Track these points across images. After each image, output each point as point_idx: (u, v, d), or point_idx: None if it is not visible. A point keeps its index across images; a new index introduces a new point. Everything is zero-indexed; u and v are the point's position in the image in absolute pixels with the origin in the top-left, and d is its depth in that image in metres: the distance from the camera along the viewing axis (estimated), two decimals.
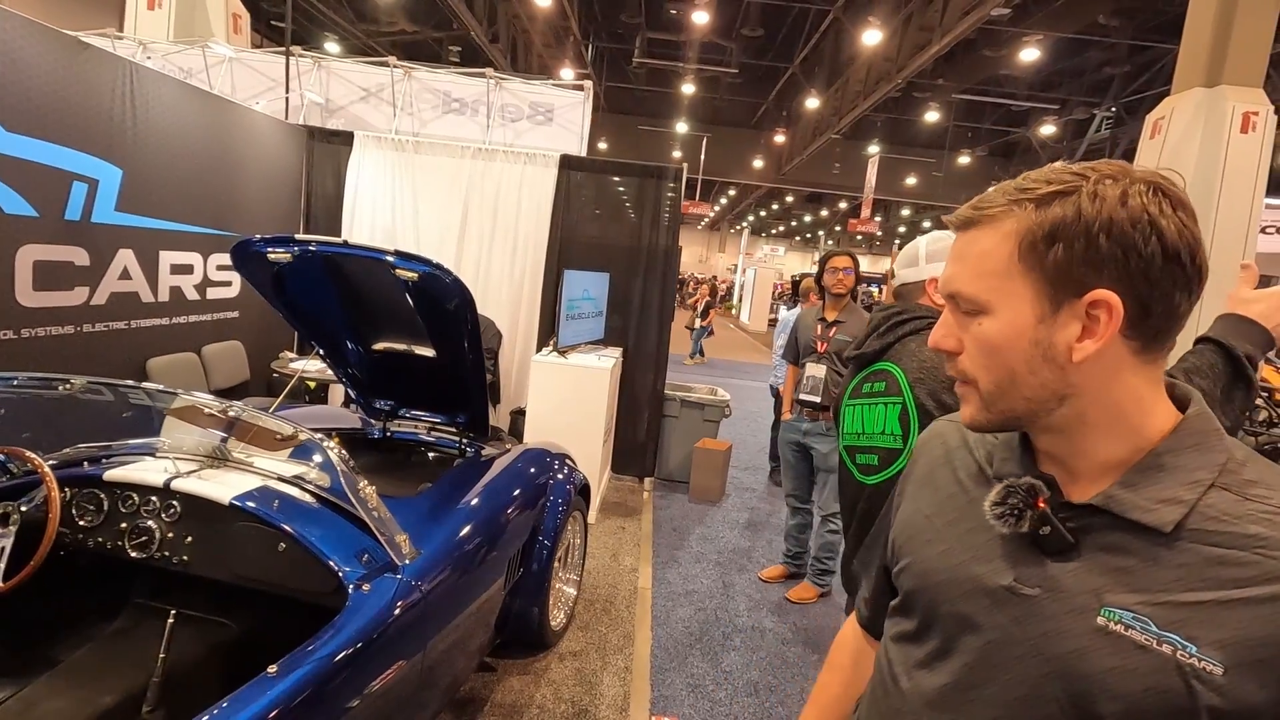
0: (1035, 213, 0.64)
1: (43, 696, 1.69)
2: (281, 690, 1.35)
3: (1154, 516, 0.63)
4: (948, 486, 0.81)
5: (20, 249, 2.98)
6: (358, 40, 14.44)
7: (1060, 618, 0.65)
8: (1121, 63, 13.63)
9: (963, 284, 0.68)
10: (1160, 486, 0.64)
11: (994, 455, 0.77)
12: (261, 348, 4.65)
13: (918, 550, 0.79)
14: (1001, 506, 0.68)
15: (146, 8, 7.50)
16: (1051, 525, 0.66)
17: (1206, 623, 0.59)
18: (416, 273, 2.29)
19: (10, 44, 2.82)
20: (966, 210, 0.69)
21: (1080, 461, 0.69)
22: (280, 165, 4.81)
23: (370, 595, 1.68)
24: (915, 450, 0.91)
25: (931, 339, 0.73)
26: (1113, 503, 0.64)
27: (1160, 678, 0.59)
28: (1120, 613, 0.62)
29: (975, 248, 0.68)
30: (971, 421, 0.71)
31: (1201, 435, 0.66)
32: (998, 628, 0.68)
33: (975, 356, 0.68)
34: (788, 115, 19.96)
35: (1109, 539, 0.65)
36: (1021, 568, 0.68)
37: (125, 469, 1.94)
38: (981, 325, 0.67)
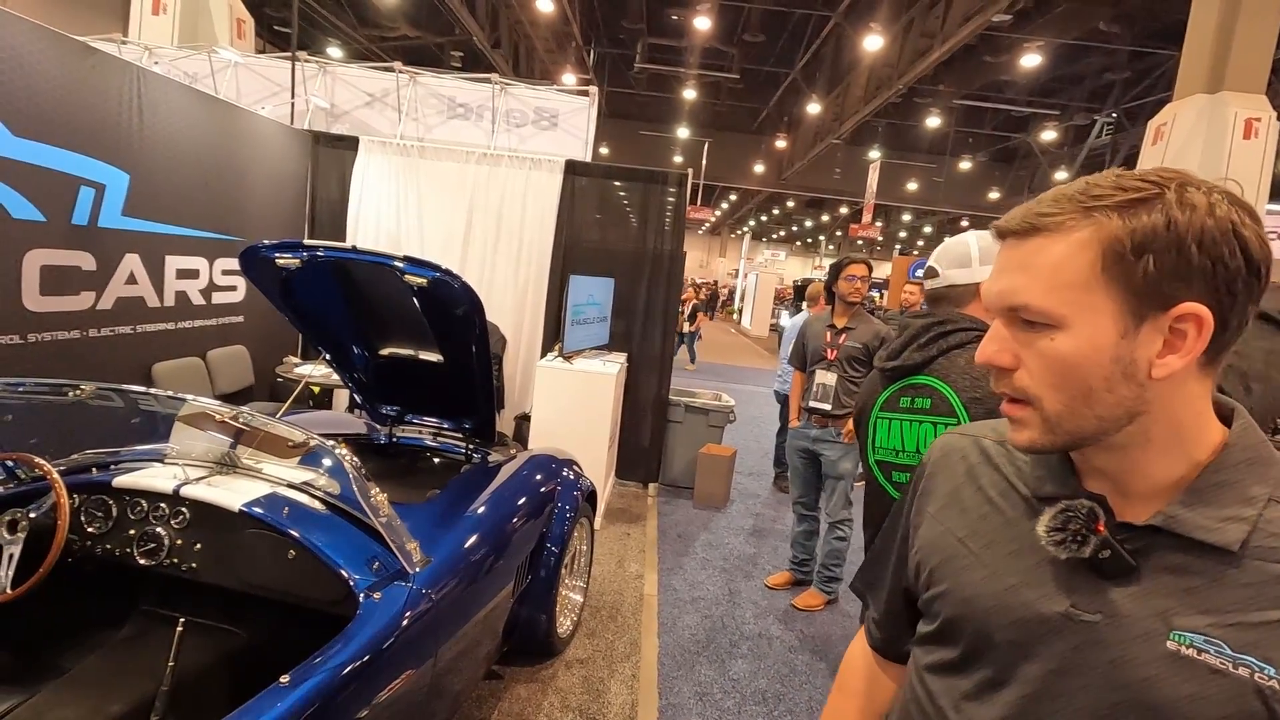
0: (1120, 221, 0.59)
1: (51, 705, 1.67)
2: (295, 700, 1.33)
3: (1219, 536, 0.61)
4: (978, 506, 0.77)
5: (27, 253, 2.97)
6: (360, 45, 14.47)
7: (1127, 644, 0.62)
8: (1122, 69, 13.66)
9: (1033, 296, 0.62)
10: (1220, 505, 0.62)
11: (1026, 472, 0.74)
12: (266, 353, 4.64)
13: (956, 575, 0.75)
14: (1062, 533, 0.64)
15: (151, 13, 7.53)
16: (1112, 549, 0.63)
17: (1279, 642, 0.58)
18: (426, 278, 2.28)
19: (17, 49, 2.82)
20: (1029, 216, 0.63)
21: (1136, 480, 0.66)
22: (285, 170, 4.81)
23: (381, 603, 1.67)
24: (929, 467, 0.86)
25: (982, 354, 0.67)
26: (1175, 523, 0.62)
27: (1240, 703, 0.57)
28: (1191, 636, 0.60)
29: (1044, 257, 0.62)
30: (1031, 444, 0.66)
31: (1254, 449, 0.65)
32: (1058, 656, 0.65)
33: (1041, 375, 0.63)
34: (789, 120, 20.00)
35: (1171, 560, 0.63)
36: (1078, 593, 0.65)
37: (134, 475, 1.92)
38: (1055, 341, 0.62)
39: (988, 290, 0.68)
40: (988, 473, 0.78)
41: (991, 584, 0.71)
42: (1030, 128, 17.01)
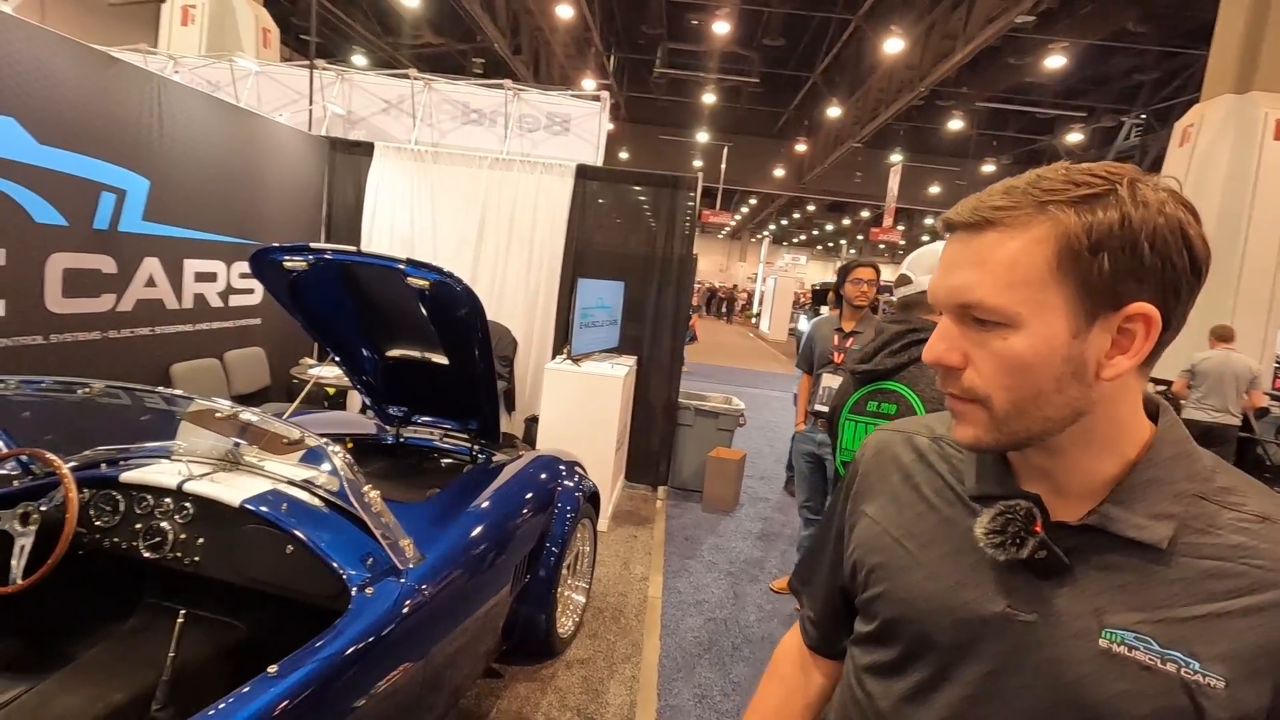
0: (1076, 217, 0.58)
1: (57, 692, 1.73)
2: (281, 689, 1.37)
3: (1149, 534, 0.61)
4: (914, 505, 0.76)
5: (50, 257, 3.08)
6: (384, 53, 14.72)
7: (1062, 643, 0.62)
8: (1151, 69, 13.40)
9: (987, 294, 0.60)
10: (1150, 502, 0.62)
11: (961, 471, 0.74)
12: (282, 354, 4.74)
13: (894, 576, 0.74)
14: (1001, 535, 0.64)
15: (180, 23, 7.77)
16: (1048, 549, 0.63)
17: (1206, 637, 0.59)
18: (428, 281, 2.31)
19: (43, 59, 2.93)
20: (981, 209, 0.61)
21: (1073, 479, 0.66)
22: (303, 175, 4.92)
23: (373, 599, 1.70)
24: (862, 465, 0.85)
25: (930, 353, 0.65)
26: (1108, 522, 0.63)
27: (1168, 698, 0.58)
28: (1122, 633, 0.61)
29: (999, 253, 0.60)
30: (975, 442, 0.65)
31: (1179, 445, 0.65)
32: (996, 657, 0.65)
33: (993, 374, 0.61)
34: (809, 124, 19.93)
35: (1104, 558, 0.63)
36: (1015, 593, 0.65)
37: (141, 471, 1.98)
38: (1008, 340, 0.60)
39: (937, 286, 0.65)
40: (922, 471, 0.77)
41: (930, 585, 0.70)
42: (1056, 130, 16.76)
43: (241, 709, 1.30)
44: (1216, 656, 0.58)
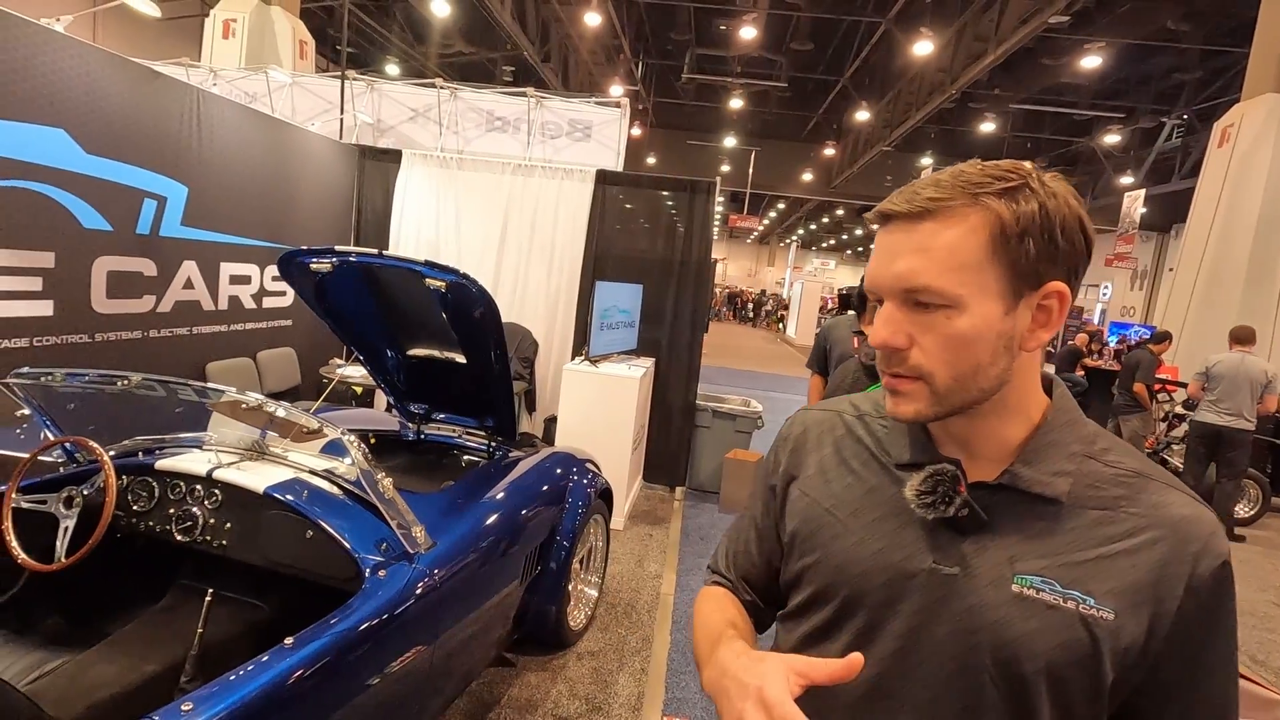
0: (1005, 206, 0.65)
1: (94, 663, 1.85)
2: (295, 660, 1.46)
3: (1052, 488, 0.70)
4: (842, 477, 0.81)
5: (96, 260, 3.27)
6: (416, 62, 15.06)
7: (980, 591, 0.69)
8: (1193, 68, 13.04)
9: (933, 278, 0.66)
10: (1051, 462, 0.71)
11: (886, 444, 0.80)
12: (312, 354, 4.92)
13: (826, 545, 0.79)
14: (931, 495, 0.71)
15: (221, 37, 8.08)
16: (970, 507, 0.70)
17: (1096, 576, 0.67)
18: (445, 282, 2.40)
19: (91, 74, 3.11)
20: (919, 200, 0.67)
21: (989, 443, 0.73)
22: (333, 182, 5.10)
23: (385, 580, 1.79)
24: (790, 442, 0.89)
25: (877, 338, 0.69)
26: (1018, 479, 0.71)
27: (1069, 631, 0.66)
28: (1031, 578, 0.68)
29: (940, 240, 0.66)
30: (916, 416, 0.71)
31: (1070, 412, 0.75)
32: (923, 609, 0.72)
33: (937, 352, 0.67)
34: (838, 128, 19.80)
35: (1015, 512, 0.71)
36: (938, 550, 0.72)
37: (174, 459, 2.11)
38: (951, 320, 0.66)
39: (879, 274, 0.69)
40: (849, 445, 0.84)
41: (860, 549, 0.76)
42: (1093, 132, 16.40)
43: (259, 676, 1.40)
44: (1107, 593, 0.67)
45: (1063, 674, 0.67)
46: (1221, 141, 8.20)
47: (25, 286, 2.97)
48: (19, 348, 2.96)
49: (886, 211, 0.70)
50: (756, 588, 0.93)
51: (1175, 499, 0.70)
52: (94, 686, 1.76)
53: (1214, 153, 8.28)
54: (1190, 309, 7.98)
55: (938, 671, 0.71)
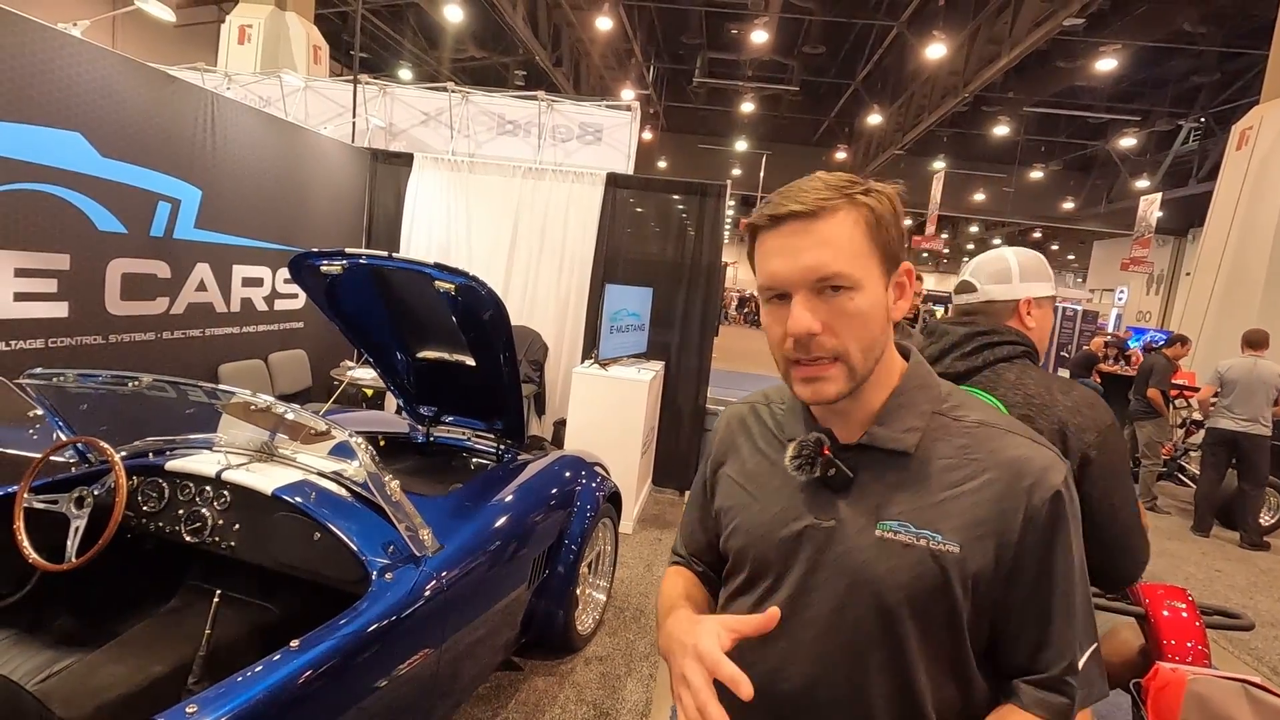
0: (868, 205, 0.77)
1: (104, 663, 1.86)
2: (301, 662, 1.46)
3: (901, 443, 0.82)
4: (753, 456, 0.95)
5: (110, 262, 3.29)
6: (429, 66, 15.16)
7: (851, 538, 0.81)
8: (1210, 71, 12.89)
9: (842, 265, 0.75)
10: (902, 420, 0.82)
11: (782, 423, 0.93)
12: (324, 356, 4.94)
13: (740, 514, 0.92)
14: (799, 459, 0.83)
15: (237, 42, 8.17)
16: (836, 467, 0.82)
17: (944, 516, 0.78)
18: (454, 284, 2.40)
19: (107, 79, 3.15)
20: (812, 203, 0.76)
21: (857, 411, 0.84)
22: (345, 185, 5.13)
23: (392, 583, 1.79)
24: (719, 434, 1.03)
25: (797, 325, 0.76)
26: (874, 438, 0.82)
27: (923, 566, 0.77)
28: (891, 524, 0.80)
29: (838, 233, 0.76)
30: (839, 395, 0.78)
31: (922, 377, 0.86)
32: (808, 560, 0.84)
33: (848, 330, 0.76)
34: (850, 132, 19.74)
35: (875, 468, 0.82)
36: (818, 508, 0.84)
37: (184, 460, 2.12)
38: (855, 300, 0.76)
39: (787, 269, 0.77)
40: (758, 428, 0.96)
41: (763, 515, 0.89)
42: (1109, 135, 16.25)
43: (265, 678, 1.39)
44: (952, 529, 0.77)
45: (920, 602, 0.77)
46: (1240, 144, 8.09)
47: (41, 288, 3.00)
48: (34, 348, 2.99)
49: (780, 214, 0.77)
50: (706, 560, 1.06)
51: (1012, 442, 0.81)
52: (102, 687, 1.77)
53: (1232, 155, 8.18)
54: (1208, 314, 7.87)
55: (824, 610, 0.82)
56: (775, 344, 0.81)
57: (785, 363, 0.81)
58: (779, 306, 0.79)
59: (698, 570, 1.06)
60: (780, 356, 0.81)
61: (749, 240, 0.84)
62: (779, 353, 0.81)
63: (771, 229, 0.78)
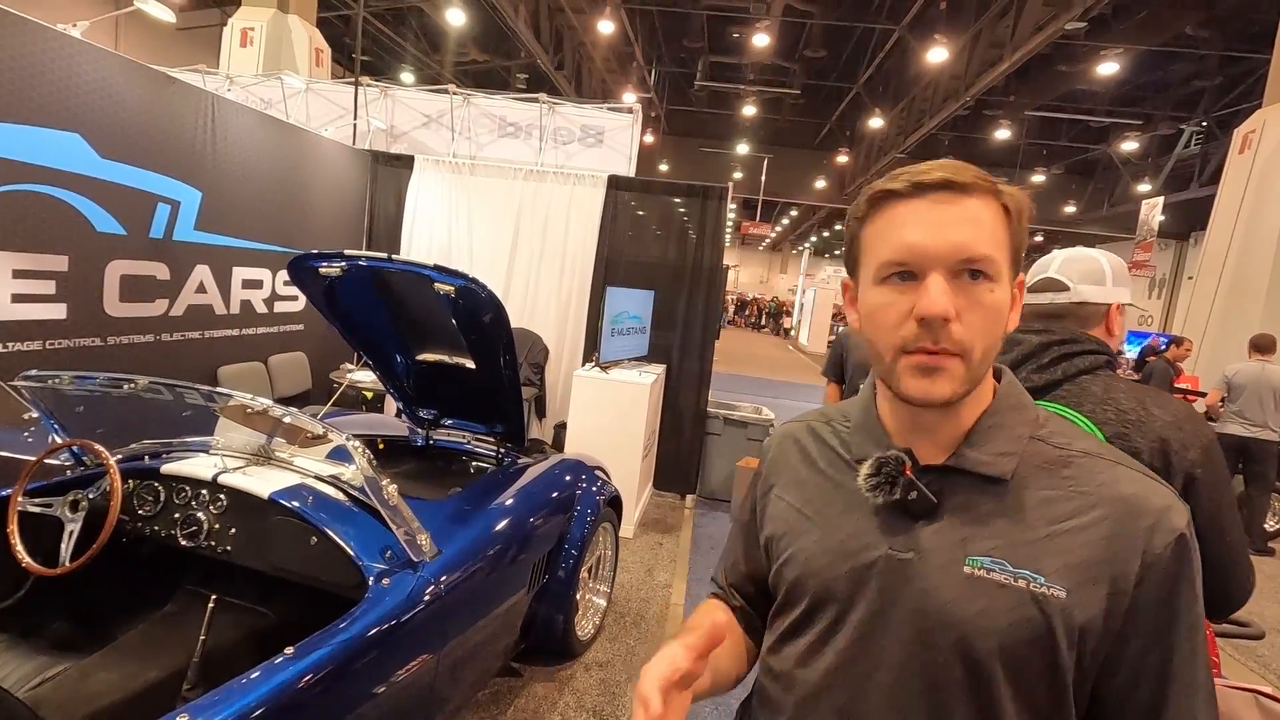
0: (1011, 197, 0.70)
1: (97, 669, 1.84)
2: (295, 670, 1.43)
3: (996, 469, 0.72)
4: (812, 479, 0.85)
5: (109, 264, 3.28)
6: (431, 69, 15.17)
7: (934, 573, 0.71)
8: (1212, 75, 12.89)
9: (989, 249, 0.67)
10: (996, 443, 0.73)
11: (850, 442, 0.82)
12: (323, 359, 4.92)
13: (796, 541, 0.82)
14: (876, 478, 0.73)
15: (239, 45, 8.17)
16: (918, 490, 0.72)
17: (1047, 554, 0.68)
18: (453, 286, 2.38)
19: (106, 80, 3.13)
20: (963, 176, 0.68)
21: (946, 428, 0.74)
22: (346, 187, 5.12)
23: (389, 589, 1.77)
24: (769, 454, 0.93)
25: (934, 305, 0.66)
26: (964, 461, 0.73)
27: (1021, 610, 0.67)
28: (982, 559, 0.69)
29: (984, 215, 0.68)
30: (953, 395, 0.69)
31: (1017, 397, 0.77)
32: (879, 595, 0.73)
33: (978, 325, 0.67)
34: (851, 135, 19.73)
35: (963, 495, 0.72)
36: (894, 536, 0.74)
37: (180, 463, 2.10)
38: (994, 292, 0.68)
39: (932, 242, 0.67)
40: (817, 448, 0.86)
41: (825, 542, 0.78)
42: (1110, 138, 16.23)
43: (259, 686, 1.37)
44: (1057, 571, 0.67)
45: (1017, 653, 0.67)
46: (1243, 148, 8.07)
47: (39, 289, 2.98)
48: (32, 350, 2.97)
49: (928, 181, 0.69)
50: (746, 594, 0.96)
51: (1124, 475, 0.71)
52: (95, 694, 1.75)
53: (1235, 159, 8.15)
54: (1211, 318, 7.84)
55: (899, 654, 0.71)
56: (888, 328, 0.70)
57: (894, 352, 0.70)
58: (899, 286, 0.69)
59: (734, 605, 0.96)
60: (890, 344, 0.70)
61: (864, 209, 0.73)
62: (891, 338, 0.70)
63: (911, 198, 0.69)
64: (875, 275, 0.72)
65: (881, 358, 0.72)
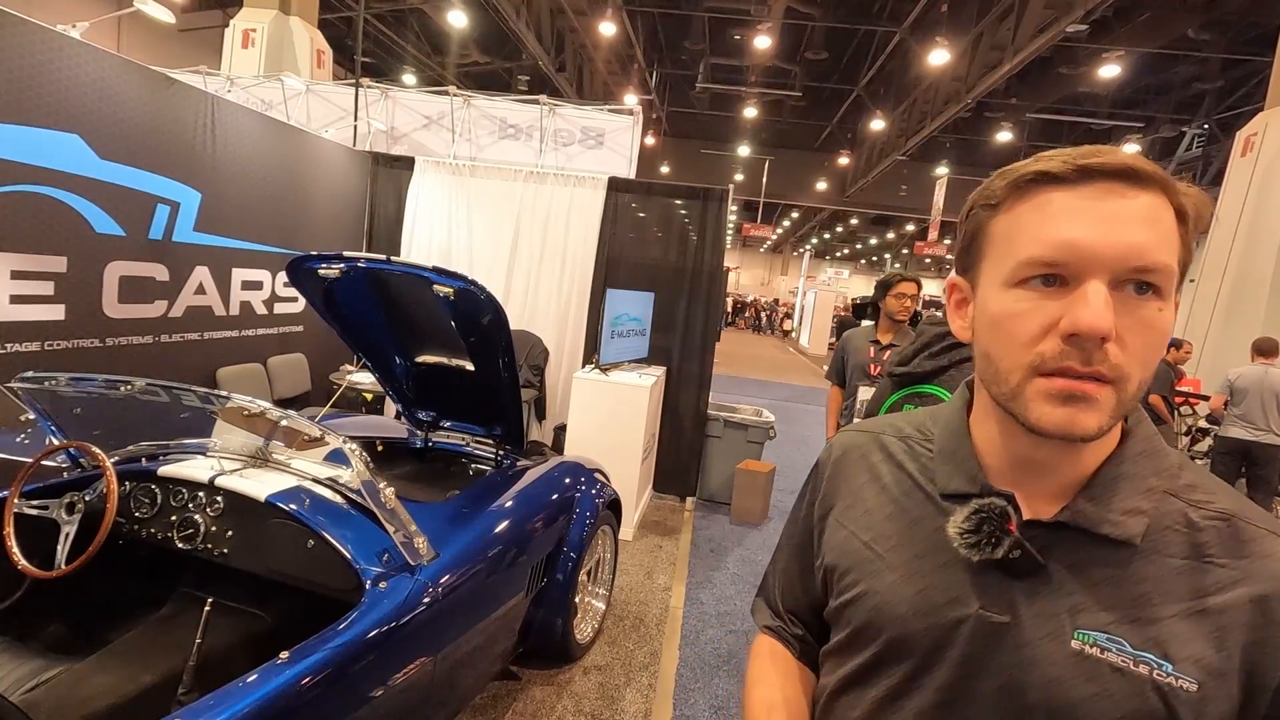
0: (1187, 194, 0.57)
1: (91, 673, 1.83)
2: (291, 675, 1.42)
3: (1123, 530, 0.60)
4: (882, 507, 0.73)
5: (108, 265, 3.27)
6: (433, 71, 15.20)
7: (1034, 645, 0.60)
8: (1214, 77, 12.91)
9: (1166, 258, 0.55)
10: (1123, 498, 0.61)
11: (932, 470, 0.71)
12: (323, 360, 4.91)
13: (865, 581, 0.71)
14: (976, 535, 0.62)
15: (241, 46, 8.17)
16: (1022, 549, 0.61)
17: (1175, 638, 0.57)
18: (452, 288, 2.38)
19: (106, 80, 3.13)
20: (1142, 165, 0.56)
21: (1058, 473, 0.63)
22: (346, 189, 5.11)
23: (386, 593, 1.76)
24: (828, 468, 0.82)
25: (1095, 319, 0.53)
26: (1081, 518, 0.61)
27: (1140, 700, 0.57)
28: (1095, 634, 0.59)
29: (1164, 216, 0.56)
30: (1099, 430, 0.56)
31: (1148, 440, 0.64)
32: (969, 660, 0.63)
33: (1142, 348, 0.56)
34: (852, 137, 19.74)
35: (1076, 556, 0.61)
36: (988, 594, 0.63)
37: (177, 466, 2.09)
38: (1162, 312, 0.56)
39: (1102, 241, 0.55)
40: (890, 470, 0.75)
41: (902, 589, 0.68)
42: (1112, 141, 16.24)
43: (254, 691, 1.36)
44: (1189, 659, 0.56)
45: None
46: (1245, 150, 8.06)
47: (37, 291, 2.98)
48: (30, 351, 2.97)
49: (1097, 166, 0.55)
50: (806, 621, 0.86)
51: (1276, 549, 0.58)
52: (90, 697, 1.73)
53: (1237, 162, 8.15)
54: (1213, 321, 7.83)
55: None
56: (1021, 342, 0.58)
57: (1025, 371, 0.58)
58: (1043, 291, 0.57)
59: (795, 635, 0.87)
60: (1019, 362, 0.58)
61: (1001, 192, 0.61)
62: (1023, 355, 0.58)
63: (1075, 184, 0.56)
64: (1010, 275, 0.59)
65: (1005, 377, 0.59)
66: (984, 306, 0.62)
